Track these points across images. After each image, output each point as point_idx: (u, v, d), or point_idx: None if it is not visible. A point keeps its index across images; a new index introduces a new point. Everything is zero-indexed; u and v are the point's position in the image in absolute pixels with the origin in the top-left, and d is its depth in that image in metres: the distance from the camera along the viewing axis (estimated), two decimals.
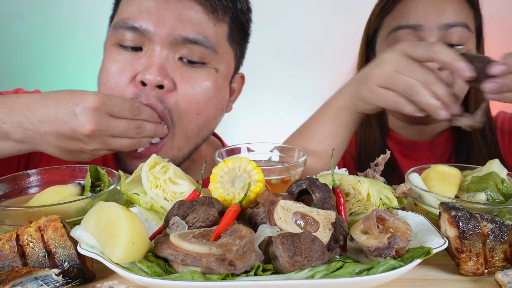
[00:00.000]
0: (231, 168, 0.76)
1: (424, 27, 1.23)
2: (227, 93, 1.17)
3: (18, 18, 2.67)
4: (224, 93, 1.13)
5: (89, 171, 0.88)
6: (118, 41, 1.04)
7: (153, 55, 1.01)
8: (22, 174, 0.89)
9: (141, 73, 1.00)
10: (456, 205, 0.69)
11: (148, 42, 1.02)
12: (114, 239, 0.61)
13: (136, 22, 1.01)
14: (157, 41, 1.01)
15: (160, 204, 0.78)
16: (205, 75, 1.05)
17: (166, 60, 1.02)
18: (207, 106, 1.07)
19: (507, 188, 0.85)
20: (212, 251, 0.60)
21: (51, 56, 2.71)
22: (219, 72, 1.08)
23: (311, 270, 0.60)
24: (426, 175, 0.90)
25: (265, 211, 0.69)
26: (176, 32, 1.01)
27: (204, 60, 1.05)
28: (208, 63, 1.06)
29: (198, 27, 1.02)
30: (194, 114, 1.06)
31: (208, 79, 1.06)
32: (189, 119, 1.06)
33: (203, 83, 1.05)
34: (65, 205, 0.75)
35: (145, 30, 1.01)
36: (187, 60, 1.04)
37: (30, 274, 0.59)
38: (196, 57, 1.04)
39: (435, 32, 1.22)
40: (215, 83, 1.07)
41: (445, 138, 1.41)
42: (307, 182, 0.73)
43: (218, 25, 1.06)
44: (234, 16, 1.10)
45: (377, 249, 0.64)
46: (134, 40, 1.02)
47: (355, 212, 0.78)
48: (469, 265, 0.66)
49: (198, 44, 1.02)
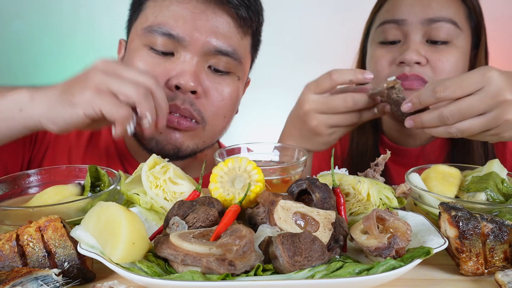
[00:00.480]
0: (231, 168, 0.76)
1: (407, 21, 1.23)
2: (241, 97, 1.25)
3: (19, 18, 2.67)
4: (240, 97, 1.22)
5: (89, 171, 0.88)
6: (149, 44, 1.07)
7: (185, 61, 1.06)
8: (22, 174, 0.89)
9: (175, 77, 1.05)
10: (456, 205, 0.69)
11: (182, 49, 1.06)
12: (114, 239, 0.61)
13: (173, 30, 1.05)
14: (190, 49, 1.06)
15: (160, 204, 0.78)
16: (230, 83, 1.12)
17: (198, 67, 1.06)
18: (231, 110, 1.17)
19: (507, 188, 0.85)
20: (212, 251, 0.60)
21: (51, 55, 2.71)
22: (240, 79, 1.16)
23: (311, 270, 0.60)
24: (426, 175, 0.90)
25: (265, 211, 0.69)
26: (210, 43, 1.06)
27: (230, 70, 1.11)
28: (233, 72, 1.12)
29: (229, 40, 1.08)
30: (221, 117, 1.14)
31: (232, 86, 1.13)
32: (218, 121, 1.14)
33: (228, 90, 1.12)
34: (65, 205, 0.75)
35: (181, 38, 1.05)
36: (214, 68, 1.09)
37: (30, 274, 0.59)
38: (222, 67, 1.10)
39: (419, 27, 1.22)
40: (237, 89, 1.15)
41: (437, 143, 1.38)
42: (307, 182, 0.73)
43: (245, 38, 1.13)
44: (256, 29, 1.16)
45: (377, 249, 0.64)
46: (166, 45, 1.06)
47: (355, 212, 0.78)
48: (469, 265, 0.66)
49: (228, 56, 1.08)
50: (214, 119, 1.12)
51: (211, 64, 1.08)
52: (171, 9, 1.06)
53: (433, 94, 0.90)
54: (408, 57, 1.20)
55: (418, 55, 1.20)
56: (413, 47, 1.21)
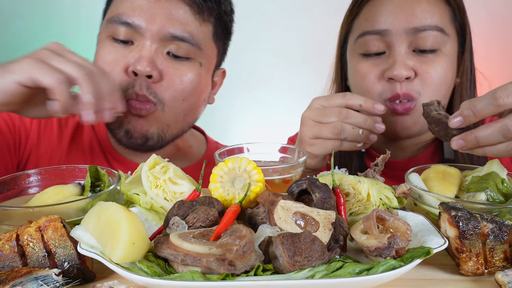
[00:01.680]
0: (231, 168, 0.76)
1: (391, 32, 1.15)
2: (209, 85, 1.27)
3: (19, 18, 2.67)
4: (206, 84, 1.24)
5: (89, 171, 0.88)
6: (111, 34, 1.13)
7: (143, 48, 1.11)
8: (22, 174, 0.89)
9: (133, 64, 1.10)
10: (456, 205, 0.69)
11: (139, 37, 1.11)
12: (114, 239, 0.61)
13: (130, 18, 1.10)
14: (147, 36, 1.11)
15: (160, 204, 0.78)
16: (190, 68, 1.16)
17: (155, 53, 1.11)
18: (192, 94, 1.18)
19: (507, 188, 0.85)
20: (212, 251, 0.60)
21: None
22: (203, 65, 1.19)
23: (311, 270, 0.60)
24: (426, 175, 0.90)
25: (265, 211, 0.69)
26: (165, 29, 1.11)
27: (189, 55, 1.15)
28: (193, 58, 1.16)
29: (185, 26, 1.13)
30: (180, 100, 1.16)
31: (193, 71, 1.16)
32: (176, 103, 1.16)
33: (188, 74, 1.16)
34: (65, 205, 0.75)
35: (137, 26, 1.10)
36: (174, 54, 1.13)
37: (30, 274, 0.59)
38: (182, 53, 1.14)
39: (404, 37, 1.14)
40: (198, 75, 1.18)
41: (427, 154, 1.32)
42: (307, 182, 0.73)
43: (204, 24, 1.17)
44: (218, 17, 1.20)
45: (377, 249, 0.64)
46: (126, 35, 1.11)
47: (355, 212, 0.78)
48: (469, 265, 0.66)
49: (185, 41, 1.13)
50: (172, 101, 1.15)
51: (170, 50, 1.13)
52: (130, 0, 1.12)
53: (493, 101, 0.76)
54: (397, 72, 1.12)
55: (407, 69, 1.13)
56: (400, 60, 1.14)
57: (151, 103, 1.12)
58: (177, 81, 1.14)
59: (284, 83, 2.67)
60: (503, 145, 0.78)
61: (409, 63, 1.15)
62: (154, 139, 1.17)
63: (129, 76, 1.11)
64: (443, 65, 1.17)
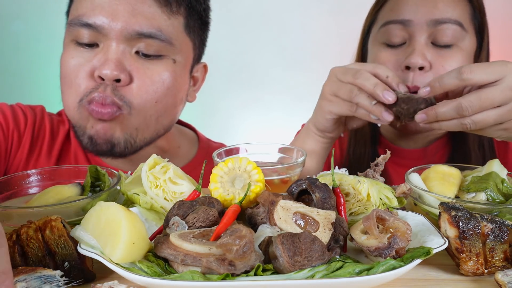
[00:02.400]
0: (231, 168, 0.76)
1: (413, 22, 1.19)
2: (187, 83, 1.19)
3: (18, 18, 2.67)
4: (183, 82, 1.17)
5: (89, 171, 0.88)
6: (74, 38, 1.07)
7: (109, 50, 1.04)
8: (22, 174, 0.89)
9: (98, 68, 1.03)
10: (456, 205, 0.69)
11: (104, 38, 1.04)
12: (114, 239, 0.61)
13: (90, 19, 1.03)
14: (112, 37, 1.03)
15: (160, 204, 0.78)
16: (163, 66, 1.09)
17: (122, 54, 1.04)
18: (166, 94, 1.11)
19: (507, 188, 0.85)
20: (212, 251, 0.60)
21: (50, 56, 2.71)
22: (177, 62, 1.12)
23: (311, 270, 0.60)
24: (426, 175, 0.90)
25: (265, 211, 0.69)
26: (130, 27, 1.03)
27: (160, 52, 1.08)
28: (165, 55, 1.09)
29: (152, 21, 1.04)
30: (152, 102, 1.09)
31: (166, 69, 1.09)
32: (148, 106, 1.09)
33: (160, 73, 1.08)
34: (65, 205, 0.75)
35: (99, 26, 1.03)
36: (143, 53, 1.06)
37: (34, 272, 0.59)
38: (152, 51, 1.06)
39: (424, 28, 1.19)
40: (173, 73, 1.10)
41: (439, 145, 1.36)
42: (307, 182, 0.73)
43: (173, 17, 1.08)
44: (189, 7, 1.12)
45: (377, 249, 0.64)
46: (90, 37, 1.05)
47: (355, 212, 0.78)
48: (469, 265, 0.66)
49: (153, 38, 1.05)
50: (142, 104, 1.07)
51: (138, 49, 1.05)
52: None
53: (458, 75, 0.87)
54: (414, 61, 1.17)
55: (424, 59, 1.17)
56: (419, 50, 1.18)
57: (114, 106, 1.04)
58: (148, 82, 1.06)
59: (284, 83, 2.67)
60: (456, 121, 0.90)
61: (427, 54, 1.18)
62: (121, 145, 1.09)
63: (95, 81, 1.04)
64: (459, 60, 1.19)
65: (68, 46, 1.09)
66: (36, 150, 1.20)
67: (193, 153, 1.36)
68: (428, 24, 1.19)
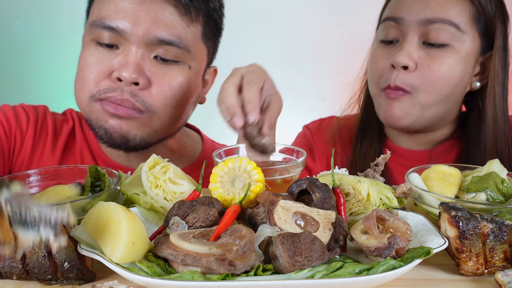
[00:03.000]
0: (231, 168, 0.76)
1: (405, 20, 1.17)
2: (199, 87, 1.23)
3: (18, 18, 2.67)
4: (196, 87, 1.20)
5: (89, 171, 0.88)
6: (95, 38, 1.09)
7: (129, 54, 1.06)
8: (22, 174, 0.89)
9: (117, 70, 1.05)
10: (456, 205, 0.69)
11: (125, 41, 1.06)
12: (114, 239, 0.61)
13: (113, 22, 1.05)
14: (133, 41, 1.06)
15: (160, 204, 0.78)
16: (179, 72, 1.11)
17: (142, 59, 1.07)
18: (182, 99, 1.14)
19: (507, 188, 0.85)
20: (212, 251, 0.60)
21: (51, 56, 2.71)
22: (192, 68, 1.14)
23: (311, 270, 0.60)
24: (426, 175, 0.90)
25: (265, 211, 0.69)
26: (151, 33, 1.06)
27: (177, 58, 1.10)
28: (181, 61, 1.11)
29: (172, 29, 1.08)
30: (172, 107, 1.12)
31: (182, 75, 1.12)
32: (167, 111, 1.12)
33: (177, 79, 1.11)
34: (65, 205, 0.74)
35: (121, 30, 1.05)
36: (161, 58, 1.09)
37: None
38: (170, 56, 1.09)
39: (415, 27, 1.16)
40: (188, 78, 1.13)
41: (445, 147, 1.32)
42: (307, 182, 0.73)
43: (192, 25, 1.11)
44: (207, 15, 1.14)
45: (377, 249, 0.64)
46: (110, 39, 1.07)
47: (355, 212, 0.78)
48: (469, 265, 0.66)
49: (172, 44, 1.08)
50: (162, 109, 1.10)
51: (157, 54, 1.08)
52: (113, 2, 1.07)
53: None
54: (398, 60, 1.15)
55: (408, 58, 1.15)
56: (406, 49, 1.16)
57: (135, 109, 1.07)
58: (166, 87, 1.09)
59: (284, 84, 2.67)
60: None
61: (413, 53, 1.16)
62: (136, 141, 1.11)
63: (113, 82, 1.06)
64: (448, 61, 1.16)
65: (88, 45, 1.11)
66: (39, 148, 1.21)
67: (197, 154, 1.38)
68: (419, 23, 1.16)
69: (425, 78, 1.16)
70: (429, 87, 1.16)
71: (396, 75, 1.17)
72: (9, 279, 0.66)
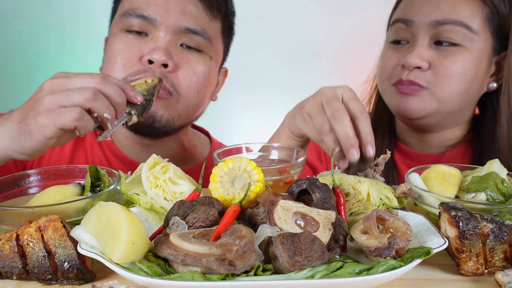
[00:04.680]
0: (231, 168, 0.76)
1: (415, 22, 1.18)
2: (215, 81, 1.31)
3: (19, 18, 2.67)
4: (214, 79, 1.28)
5: (89, 171, 0.88)
6: (124, 27, 1.17)
7: (158, 39, 1.15)
8: (22, 174, 0.89)
9: (148, 53, 1.13)
10: (456, 205, 0.69)
11: (154, 29, 1.15)
12: (114, 239, 0.61)
13: (146, 12, 1.15)
14: (162, 29, 1.15)
15: (160, 204, 0.78)
16: (202, 60, 1.20)
17: (170, 44, 1.15)
18: (204, 86, 1.22)
19: (507, 188, 0.85)
20: (212, 251, 0.60)
21: (52, 56, 2.71)
22: (213, 59, 1.24)
23: (311, 270, 0.60)
24: (426, 175, 0.90)
25: (265, 211, 0.69)
26: (180, 22, 1.15)
27: (200, 48, 1.20)
28: (204, 51, 1.20)
29: (198, 20, 1.18)
30: (195, 91, 1.20)
31: (204, 64, 1.21)
32: (191, 95, 1.20)
33: (200, 66, 1.20)
34: (65, 205, 0.75)
35: (153, 18, 1.15)
36: (186, 46, 1.18)
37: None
38: (194, 45, 1.19)
39: (426, 29, 1.17)
40: (209, 67, 1.22)
41: (457, 152, 1.31)
42: (307, 182, 0.73)
43: (214, 20, 1.22)
44: (225, 15, 1.26)
45: (377, 249, 0.64)
46: (140, 26, 1.15)
47: (355, 212, 0.78)
48: (469, 265, 0.66)
49: (198, 34, 1.18)
50: (188, 92, 1.18)
51: (182, 42, 1.17)
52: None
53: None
54: (409, 61, 1.16)
55: (420, 59, 1.15)
56: (417, 51, 1.17)
57: (165, 90, 1.13)
58: (191, 72, 1.17)
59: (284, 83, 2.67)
60: None
61: (425, 54, 1.17)
62: (162, 122, 1.17)
63: (143, 65, 1.13)
64: (461, 59, 1.16)
65: (117, 34, 1.18)
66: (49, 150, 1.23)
67: (205, 155, 1.42)
68: (429, 25, 1.17)
69: (439, 75, 1.16)
70: (444, 83, 1.16)
71: (408, 73, 1.18)
72: (9, 279, 0.66)
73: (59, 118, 0.84)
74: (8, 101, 1.27)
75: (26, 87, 2.56)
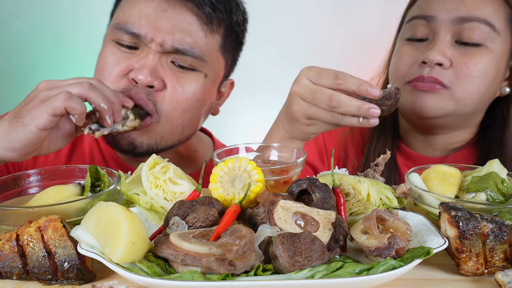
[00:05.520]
0: (231, 168, 0.76)
1: (437, 18, 1.14)
2: (214, 97, 1.25)
3: (18, 18, 2.67)
4: (210, 96, 1.22)
5: (89, 171, 0.88)
6: (115, 39, 1.13)
7: (147, 57, 1.10)
8: (22, 174, 0.89)
9: (134, 71, 1.09)
10: (456, 205, 0.69)
11: (144, 45, 1.11)
12: (114, 239, 0.61)
13: (135, 28, 1.10)
14: (151, 46, 1.10)
15: (160, 204, 0.78)
16: (194, 78, 1.14)
17: (159, 62, 1.11)
18: (194, 106, 1.16)
19: (507, 188, 0.85)
20: (212, 251, 0.60)
21: (51, 56, 2.71)
22: (208, 77, 1.17)
23: (311, 270, 0.60)
24: (426, 175, 0.90)
25: (265, 211, 0.69)
26: (168, 42, 1.10)
27: (193, 66, 1.13)
28: (197, 69, 1.14)
29: (188, 38, 1.11)
30: (181, 112, 1.14)
31: (197, 82, 1.14)
32: (175, 115, 1.14)
33: (191, 85, 1.14)
34: (65, 205, 0.75)
35: (142, 36, 1.10)
36: (179, 65, 1.12)
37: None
38: (186, 64, 1.13)
39: (449, 26, 1.13)
40: (203, 86, 1.16)
41: (462, 154, 1.28)
42: (307, 182, 0.73)
43: (210, 36, 1.14)
44: (229, 28, 1.18)
45: (377, 249, 0.64)
46: (131, 41, 1.11)
47: (355, 212, 0.78)
48: (469, 265, 0.66)
49: (186, 54, 1.11)
50: (170, 112, 1.12)
51: (173, 59, 1.12)
52: (137, 7, 1.12)
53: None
54: (431, 56, 1.11)
55: (442, 56, 1.11)
56: (439, 46, 1.12)
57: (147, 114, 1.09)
58: (179, 91, 1.12)
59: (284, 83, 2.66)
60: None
61: (447, 51, 1.13)
62: (143, 148, 1.14)
63: (129, 82, 1.10)
64: (484, 60, 1.13)
65: (109, 44, 1.14)
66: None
67: (207, 157, 1.40)
68: (453, 22, 1.12)
69: (462, 74, 1.12)
70: (466, 84, 1.13)
71: (429, 71, 1.13)
72: (9, 279, 0.66)
73: (50, 104, 0.86)
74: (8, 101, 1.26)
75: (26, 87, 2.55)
